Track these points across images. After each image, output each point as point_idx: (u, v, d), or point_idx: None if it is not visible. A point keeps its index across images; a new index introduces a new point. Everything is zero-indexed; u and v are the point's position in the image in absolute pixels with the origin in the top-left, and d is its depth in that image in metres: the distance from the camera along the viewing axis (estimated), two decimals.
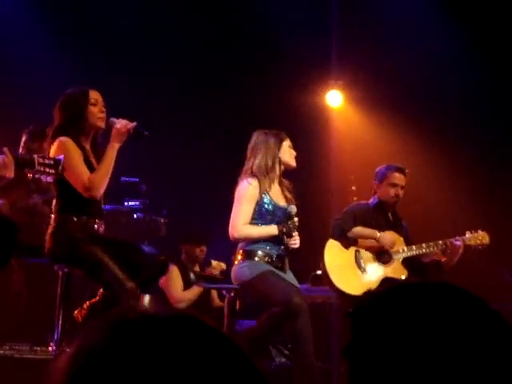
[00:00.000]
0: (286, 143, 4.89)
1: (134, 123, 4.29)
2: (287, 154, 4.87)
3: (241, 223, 4.75)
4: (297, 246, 4.82)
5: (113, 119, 4.31)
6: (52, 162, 3.78)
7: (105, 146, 4.31)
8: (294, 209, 4.81)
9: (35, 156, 3.77)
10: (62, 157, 3.91)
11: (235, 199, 4.82)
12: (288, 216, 4.78)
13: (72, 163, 4.13)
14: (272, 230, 4.76)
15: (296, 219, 4.78)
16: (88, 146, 4.33)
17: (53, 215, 4.28)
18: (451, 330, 1.20)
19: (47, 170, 3.77)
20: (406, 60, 7.41)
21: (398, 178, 5.53)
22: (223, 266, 6.34)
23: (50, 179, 3.86)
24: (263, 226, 4.77)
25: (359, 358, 1.24)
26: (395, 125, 7.49)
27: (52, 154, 4.10)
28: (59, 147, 4.16)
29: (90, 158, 4.29)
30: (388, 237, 5.43)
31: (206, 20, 7.52)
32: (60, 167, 3.79)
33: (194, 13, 7.48)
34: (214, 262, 6.42)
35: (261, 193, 4.78)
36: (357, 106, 7.89)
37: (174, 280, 6.24)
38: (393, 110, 7.45)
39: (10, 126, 6.00)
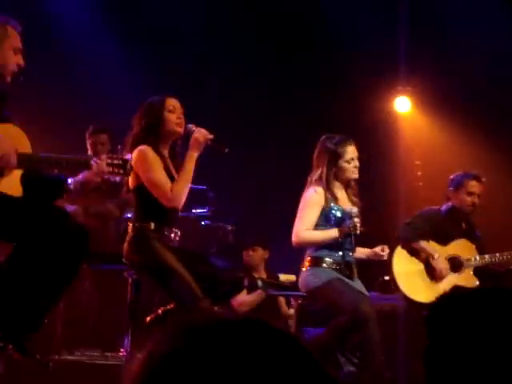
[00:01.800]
0: (349, 154, 4.80)
1: (212, 135, 4.26)
2: (347, 166, 4.80)
3: (302, 228, 4.74)
4: (357, 230, 4.75)
5: (191, 126, 4.28)
6: (120, 162, 3.83)
7: (183, 153, 4.32)
8: (354, 210, 4.76)
9: (104, 156, 3.83)
10: (129, 156, 3.96)
11: (300, 206, 4.81)
12: (349, 217, 4.75)
13: (153, 173, 4.16)
14: (332, 232, 4.73)
15: (357, 219, 4.73)
16: (167, 153, 4.32)
17: (131, 223, 4.30)
18: None
19: (116, 170, 3.83)
20: (473, 63, 7.29)
21: (475, 186, 5.42)
22: (292, 278, 6.26)
23: (118, 179, 3.91)
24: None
25: (437, 363, 1.22)
26: (465, 129, 7.37)
27: (132, 163, 4.13)
28: (140, 156, 4.17)
29: (169, 165, 4.29)
30: (442, 265, 5.29)
31: (277, 29, 7.54)
32: (128, 166, 3.85)
33: (265, 21, 7.51)
34: (283, 277, 6.36)
35: (327, 200, 4.77)
36: (425, 112, 7.80)
37: None
38: (462, 114, 7.34)
39: (73, 128, 6.16)
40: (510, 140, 7.25)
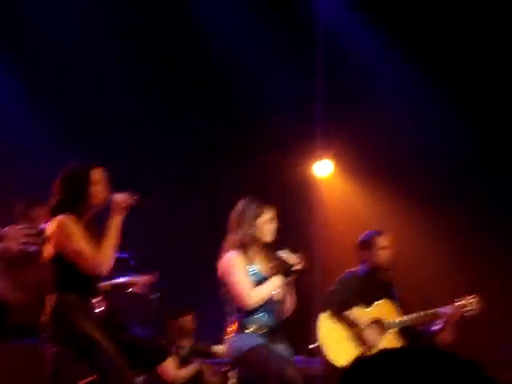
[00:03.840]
0: (264, 217, 4.79)
1: (135, 197, 4.25)
2: (263, 229, 4.78)
3: (248, 290, 4.68)
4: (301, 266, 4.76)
5: (111, 196, 4.26)
6: (35, 232, 3.80)
7: (101, 220, 4.28)
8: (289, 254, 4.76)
9: (19, 227, 3.79)
10: (44, 226, 3.92)
11: (226, 272, 4.74)
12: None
13: (76, 242, 4.11)
14: (275, 280, 4.71)
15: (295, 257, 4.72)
16: (86, 220, 4.26)
17: (51, 294, 4.22)
18: None
19: (31, 240, 3.79)
20: (393, 128, 7.50)
21: (384, 240, 5.58)
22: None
23: (33, 249, 3.87)
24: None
25: None
26: (385, 193, 7.54)
27: (51, 232, 4.09)
28: (61, 226, 4.12)
29: (89, 233, 4.22)
30: (371, 336, 5.35)
31: (196, 96, 7.64)
32: (42, 237, 3.82)
33: (184, 88, 7.60)
34: (217, 347, 6.26)
35: (246, 264, 4.76)
36: (345, 176, 7.95)
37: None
38: (382, 178, 7.51)
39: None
40: (429, 201, 7.45)
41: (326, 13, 7.71)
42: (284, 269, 4.72)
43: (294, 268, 4.74)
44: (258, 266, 4.80)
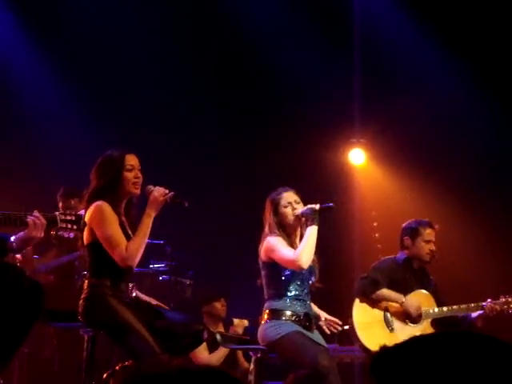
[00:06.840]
0: (285, 199, 4.80)
1: (172, 193, 4.26)
2: (285, 216, 4.78)
3: (294, 253, 4.63)
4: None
5: (150, 187, 4.27)
6: (74, 218, 3.83)
7: (138, 212, 4.29)
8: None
9: (57, 213, 3.82)
10: (82, 212, 3.95)
11: (269, 251, 4.70)
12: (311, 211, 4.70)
13: (109, 231, 4.13)
14: (311, 230, 4.65)
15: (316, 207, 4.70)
16: (122, 210, 4.29)
17: (86, 280, 4.25)
18: (479, 375, 1.18)
19: (69, 226, 3.83)
20: (428, 118, 7.45)
21: (431, 233, 5.44)
22: (245, 322, 6.28)
23: (72, 235, 3.90)
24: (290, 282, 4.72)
25: None
26: (418, 182, 7.48)
27: (88, 218, 4.12)
28: (97, 212, 4.14)
29: (124, 223, 4.26)
30: (413, 302, 5.32)
31: (234, 83, 7.64)
32: (81, 222, 3.84)
33: (221, 76, 7.61)
34: (236, 320, 6.36)
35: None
36: (379, 164, 7.92)
37: None
38: (416, 167, 7.46)
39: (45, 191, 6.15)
40: (459, 187, 7.38)
41: (362, 1, 7.68)
42: (311, 215, 4.67)
43: (319, 207, 4.68)
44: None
